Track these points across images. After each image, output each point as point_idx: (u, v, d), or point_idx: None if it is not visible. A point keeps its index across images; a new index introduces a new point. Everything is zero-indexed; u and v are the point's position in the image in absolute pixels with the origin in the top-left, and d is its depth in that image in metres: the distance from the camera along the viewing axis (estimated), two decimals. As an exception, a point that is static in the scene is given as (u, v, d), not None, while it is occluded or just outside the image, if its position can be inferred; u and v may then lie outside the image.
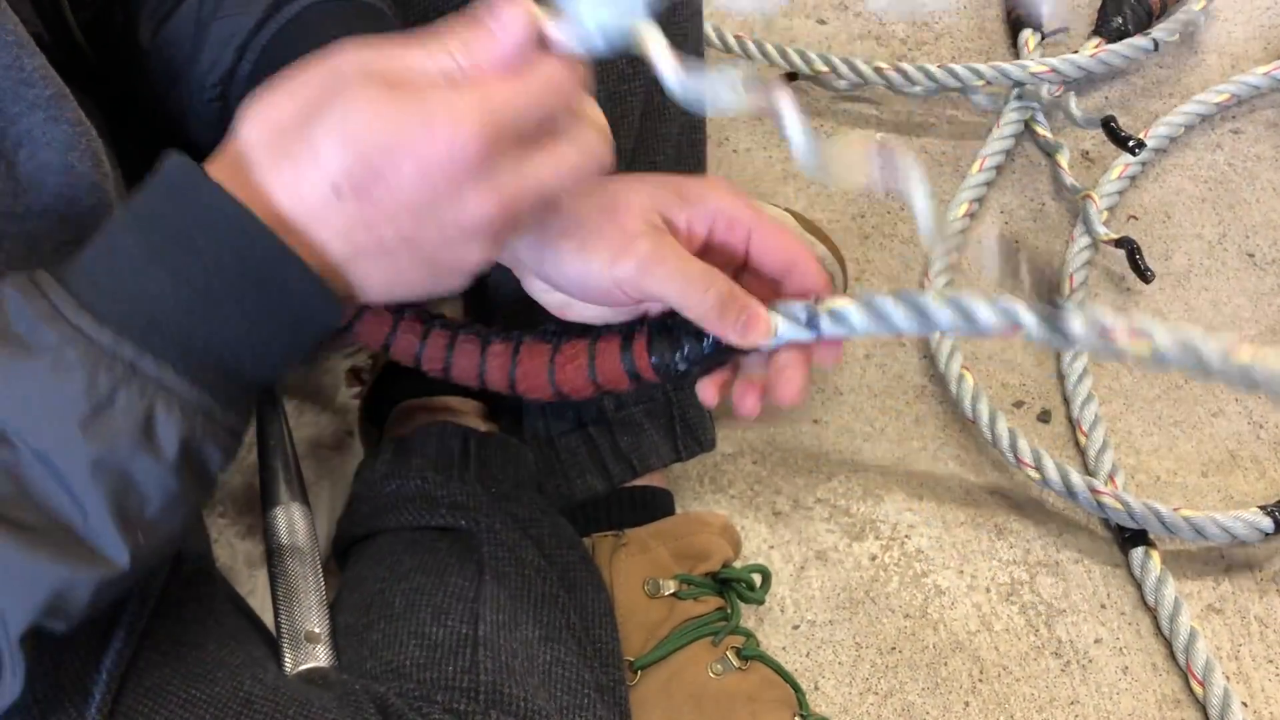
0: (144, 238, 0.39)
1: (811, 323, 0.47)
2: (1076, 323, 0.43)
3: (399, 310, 0.53)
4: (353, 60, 0.39)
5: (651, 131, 0.69)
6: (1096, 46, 1.14)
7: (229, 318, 0.39)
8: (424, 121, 0.38)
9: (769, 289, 0.48)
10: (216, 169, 0.40)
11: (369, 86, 0.38)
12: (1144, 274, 0.97)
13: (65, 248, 0.45)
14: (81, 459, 0.37)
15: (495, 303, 0.71)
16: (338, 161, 0.38)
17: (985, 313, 0.45)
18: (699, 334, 0.47)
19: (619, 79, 0.66)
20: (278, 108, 0.40)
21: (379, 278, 0.41)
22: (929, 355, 0.96)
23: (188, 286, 0.39)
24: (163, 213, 0.39)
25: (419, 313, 0.54)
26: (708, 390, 0.50)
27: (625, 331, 0.50)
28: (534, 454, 0.73)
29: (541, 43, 0.40)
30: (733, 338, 0.46)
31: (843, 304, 0.46)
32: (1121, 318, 0.43)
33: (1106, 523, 0.87)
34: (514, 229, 0.41)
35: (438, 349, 0.53)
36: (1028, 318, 0.44)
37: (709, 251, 0.49)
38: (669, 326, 0.48)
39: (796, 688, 0.73)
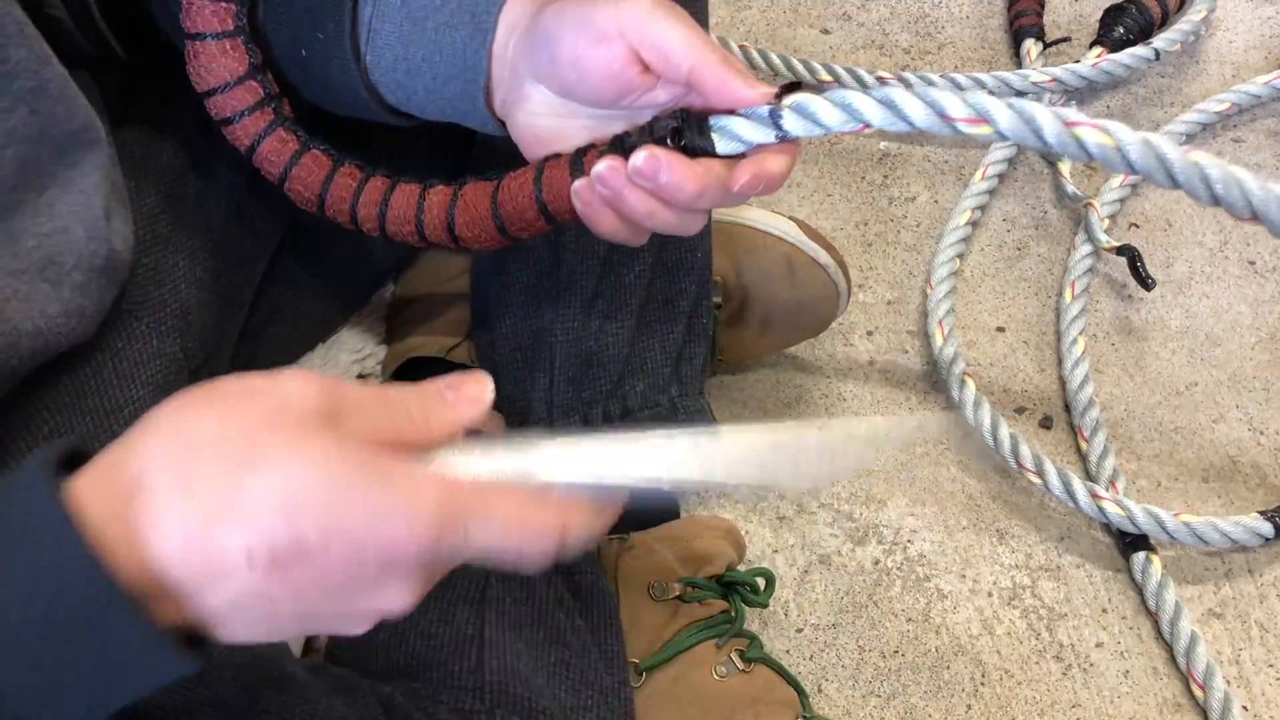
0: None
1: (774, 118, 0.46)
2: (1045, 117, 0.43)
3: (337, 160, 0.52)
4: (307, 398, 0.35)
5: None
6: (1098, 56, 1.15)
7: (31, 664, 0.32)
8: (381, 508, 0.34)
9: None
10: (90, 480, 0.33)
11: (324, 442, 0.34)
12: (1145, 281, 0.97)
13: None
14: None
15: None
16: (265, 527, 0.32)
17: (955, 106, 0.44)
18: (661, 140, 0.47)
19: None
20: (201, 428, 0.34)
21: (248, 634, 0.35)
22: (932, 362, 0.97)
23: None
24: None
25: (357, 163, 0.53)
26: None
27: (578, 151, 0.49)
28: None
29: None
30: (737, 83, 0.45)
31: (806, 97, 0.46)
32: (1085, 116, 0.43)
33: (1108, 528, 0.88)
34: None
35: (375, 192, 0.51)
36: (998, 111, 0.44)
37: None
38: (623, 139, 0.48)
39: (800, 690, 0.74)
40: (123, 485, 0.33)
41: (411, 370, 0.80)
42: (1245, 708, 0.79)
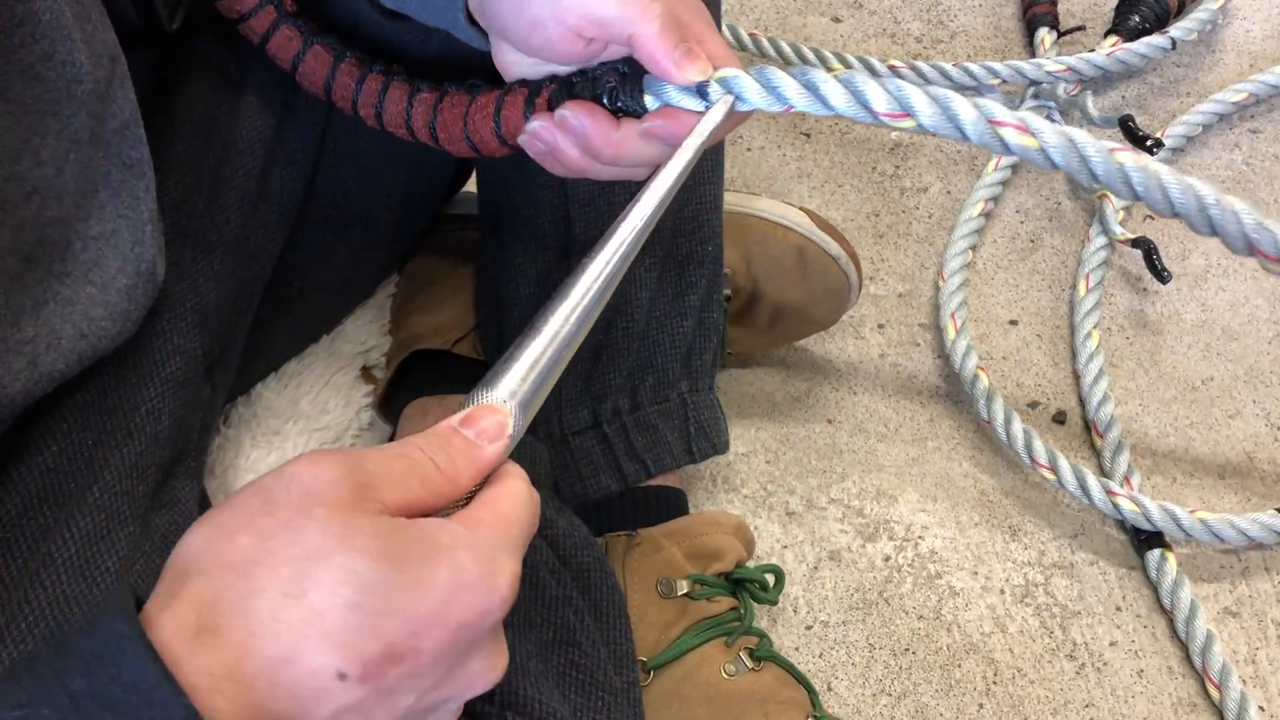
0: (22, 712, 0.29)
1: (701, 91, 0.47)
2: (968, 112, 0.43)
3: (340, 53, 0.56)
4: (330, 483, 0.33)
5: None
6: (1114, 45, 1.13)
7: None
8: (456, 582, 0.33)
9: None
10: (170, 635, 0.31)
11: (371, 527, 0.32)
12: (1161, 274, 0.96)
13: None
14: None
15: None
16: (348, 641, 0.31)
17: (878, 97, 0.44)
18: (600, 95, 0.48)
19: None
20: (242, 552, 0.32)
21: None
22: (944, 355, 0.95)
23: None
24: (70, 686, 0.30)
25: (358, 57, 0.57)
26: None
27: (533, 87, 0.51)
28: (549, 453, 0.73)
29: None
30: (666, 65, 0.46)
31: (734, 74, 0.47)
32: (1011, 112, 0.43)
33: (1122, 525, 0.87)
34: None
35: (370, 94, 0.56)
36: (921, 104, 0.44)
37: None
38: (572, 83, 0.49)
39: (809, 688, 0.73)
40: (188, 631, 0.31)
41: (415, 363, 0.79)
42: (1262, 708, 0.78)
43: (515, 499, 0.37)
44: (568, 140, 0.49)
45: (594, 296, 0.42)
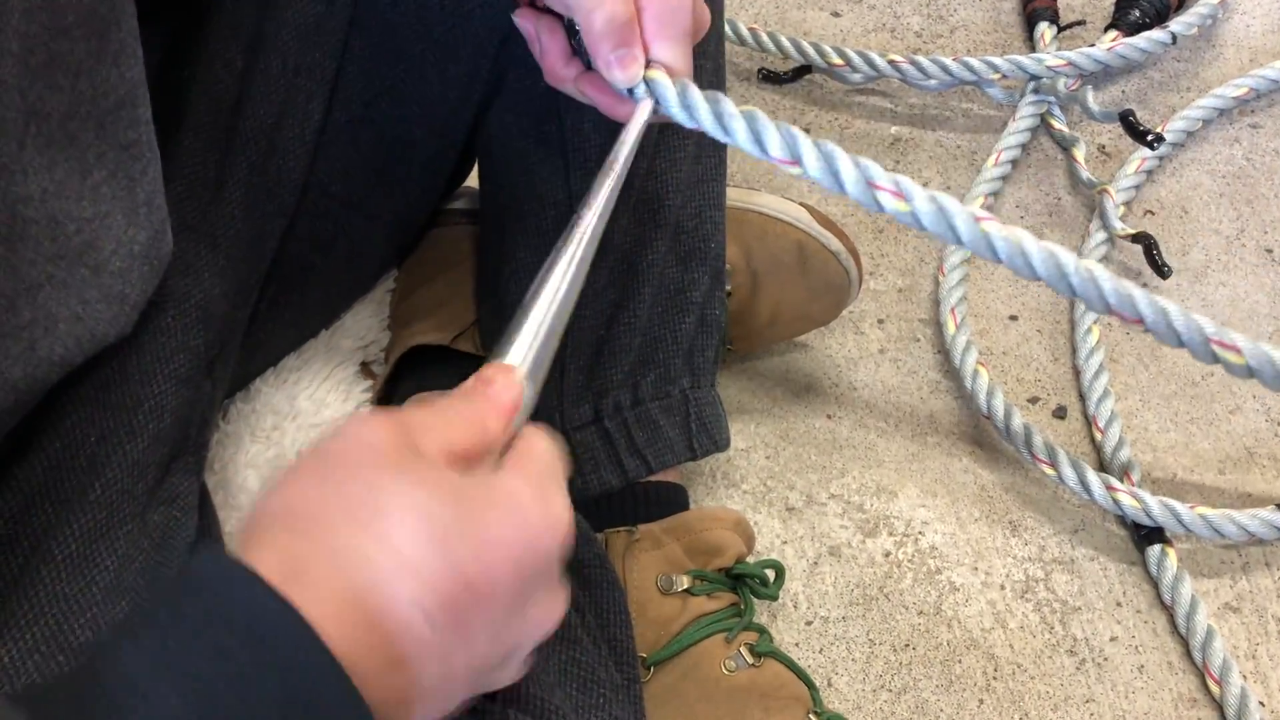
0: (153, 645, 0.30)
1: (630, 88, 0.51)
2: (849, 170, 0.46)
3: None
4: (386, 435, 0.35)
5: (671, 129, 0.69)
6: (1114, 40, 1.13)
7: None
8: (517, 513, 0.35)
9: None
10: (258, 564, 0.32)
11: (430, 471, 0.34)
12: (1161, 270, 0.96)
13: None
14: None
15: None
16: (426, 573, 0.32)
17: (773, 140, 0.48)
18: (571, 22, 0.51)
19: None
20: (308, 495, 0.34)
21: (425, 709, 0.34)
22: (944, 350, 0.95)
23: (205, 709, 0.29)
24: (184, 611, 0.30)
25: None
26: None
27: None
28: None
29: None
30: (600, 64, 0.50)
31: (662, 80, 0.50)
32: (889, 176, 0.46)
33: (1122, 520, 0.87)
34: None
35: None
36: (809, 154, 0.47)
37: None
38: None
39: (810, 684, 0.73)
40: (276, 580, 0.31)
41: (414, 358, 0.79)
42: (1262, 703, 0.78)
43: (545, 444, 0.40)
44: (535, 47, 0.54)
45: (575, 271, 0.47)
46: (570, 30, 0.53)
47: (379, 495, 0.33)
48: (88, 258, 0.49)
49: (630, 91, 0.51)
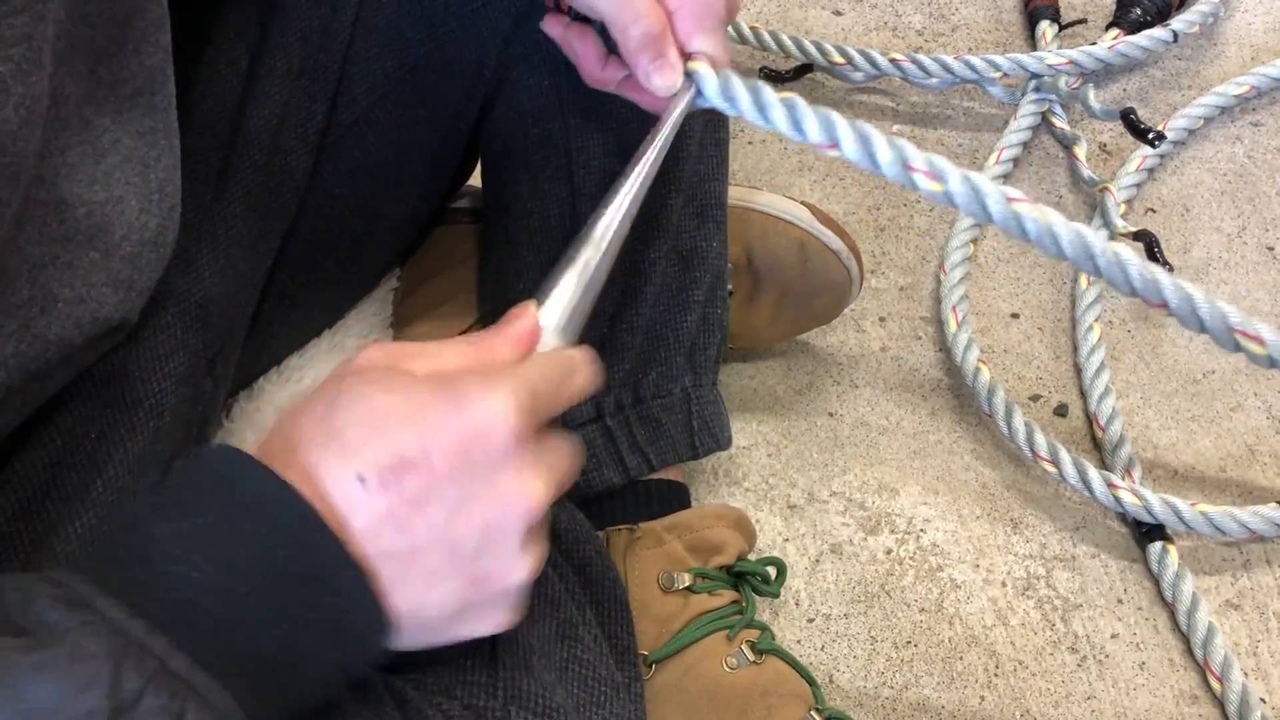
0: (182, 522, 0.36)
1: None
2: (885, 151, 0.48)
3: None
4: (373, 358, 0.40)
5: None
6: (1115, 38, 1.13)
7: (271, 616, 0.35)
8: (459, 401, 0.37)
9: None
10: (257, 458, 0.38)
11: (393, 373, 0.39)
12: (1163, 267, 0.96)
13: None
14: None
15: None
16: (363, 450, 0.37)
17: (811, 125, 0.49)
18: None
19: None
20: (308, 408, 0.39)
21: (410, 591, 0.38)
22: (945, 349, 0.95)
23: (230, 576, 0.35)
24: (206, 496, 0.36)
25: None
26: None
27: None
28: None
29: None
30: (640, 76, 0.51)
31: (704, 72, 0.51)
32: (924, 156, 0.48)
33: (1123, 517, 0.87)
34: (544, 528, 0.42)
35: None
36: (846, 136, 0.48)
37: None
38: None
39: (811, 682, 0.73)
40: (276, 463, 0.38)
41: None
42: (1263, 700, 0.78)
43: (543, 355, 0.43)
44: (570, 51, 0.56)
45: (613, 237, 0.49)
46: (604, 32, 0.54)
47: (339, 399, 0.38)
48: (98, 241, 0.49)
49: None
